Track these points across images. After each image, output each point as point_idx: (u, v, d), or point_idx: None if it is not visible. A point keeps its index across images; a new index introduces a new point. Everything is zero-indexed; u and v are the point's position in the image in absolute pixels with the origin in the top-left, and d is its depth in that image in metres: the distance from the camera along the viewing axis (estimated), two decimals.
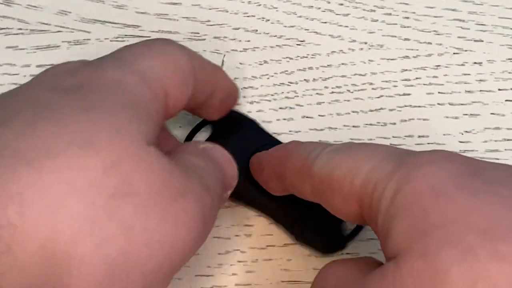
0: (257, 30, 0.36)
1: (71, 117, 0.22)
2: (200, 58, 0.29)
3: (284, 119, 0.34)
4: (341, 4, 0.37)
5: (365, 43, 0.36)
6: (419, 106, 0.34)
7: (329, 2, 0.37)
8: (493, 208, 0.21)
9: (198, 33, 0.36)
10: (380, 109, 0.34)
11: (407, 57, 0.36)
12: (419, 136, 0.34)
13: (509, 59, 0.36)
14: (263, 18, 0.36)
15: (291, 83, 0.35)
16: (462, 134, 0.34)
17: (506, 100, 0.35)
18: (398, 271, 0.21)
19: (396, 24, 0.36)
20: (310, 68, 0.35)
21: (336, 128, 0.34)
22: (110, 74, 0.24)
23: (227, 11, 0.36)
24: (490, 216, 0.20)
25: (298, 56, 0.36)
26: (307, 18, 0.36)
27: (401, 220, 0.22)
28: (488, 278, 0.19)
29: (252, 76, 0.35)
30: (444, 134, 0.34)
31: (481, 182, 0.22)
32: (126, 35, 0.36)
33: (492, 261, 0.19)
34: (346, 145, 0.26)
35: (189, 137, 0.33)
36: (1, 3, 0.36)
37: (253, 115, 0.34)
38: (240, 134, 0.32)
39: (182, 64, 0.26)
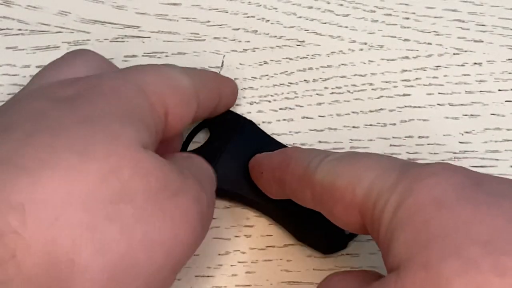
0: (257, 31, 0.36)
1: (68, 128, 0.22)
2: (202, 76, 0.29)
3: (284, 119, 0.34)
4: (341, 5, 0.37)
5: (365, 43, 0.36)
6: (419, 107, 0.34)
7: (329, 3, 0.37)
8: (495, 220, 0.21)
9: (198, 33, 0.36)
10: (380, 109, 0.34)
11: (407, 57, 0.36)
12: (419, 137, 0.34)
13: (509, 59, 0.36)
14: (263, 18, 0.36)
15: (291, 83, 0.35)
16: (462, 134, 0.34)
17: (506, 101, 0.35)
18: (400, 282, 0.21)
19: (396, 24, 0.36)
20: (310, 68, 0.35)
21: (336, 129, 0.34)
22: (108, 82, 0.25)
23: (227, 12, 0.36)
24: (492, 228, 0.20)
25: (298, 57, 0.36)
26: (307, 19, 0.36)
27: (403, 232, 0.22)
28: None
29: (252, 77, 0.35)
30: (444, 135, 0.34)
31: (483, 194, 0.22)
32: (126, 36, 0.36)
33: (495, 274, 0.19)
34: (348, 154, 0.26)
35: (187, 140, 0.33)
36: (1, 4, 0.36)
37: (253, 116, 0.34)
38: (240, 136, 0.32)
39: (183, 86, 0.27)
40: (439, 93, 0.35)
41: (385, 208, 0.23)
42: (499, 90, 0.35)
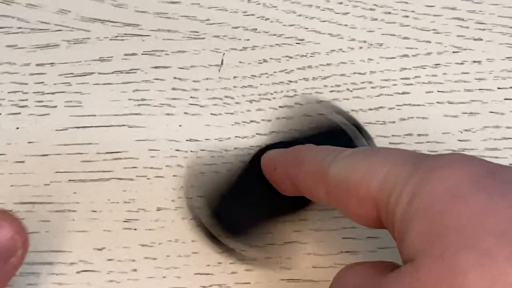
0: (256, 29, 0.36)
1: None
2: None
3: (284, 118, 0.34)
4: (341, 3, 0.37)
5: (365, 41, 0.36)
6: (418, 105, 0.34)
7: (328, 1, 0.37)
8: (509, 210, 0.21)
9: (197, 32, 0.36)
10: (379, 107, 0.34)
11: (406, 55, 0.36)
12: (419, 135, 0.34)
13: (508, 57, 0.36)
14: (262, 17, 0.36)
15: (290, 81, 0.35)
16: (461, 132, 0.34)
17: (505, 99, 0.35)
18: (415, 273, 0.21)
19: (395, 22, 0.36)
20: (310, 67, 0.35)
21: None
22: None
23: (227, 10, 0.36)
24: (507, 219, 0.20)
25: (297, 55, 0.36)
26: (306, 17, 0.36)
27: (418, 223, 0.22)
28: (506, 281, 0.19)
29: (252, 75, 0.35)
30: (443, 133, 0.34)
31: (497, 184, 0.22)
32: (125, 34, 0.36)
33: (510, 265, 0.19)
34: (361, 150, 0.26)
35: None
36: (1, 2, 0.36)
37: (253, 114, 0.34)
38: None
39: None
40: (438, 91, 0.35)
41: (399, 200, 0.23)
42: (498, 88, 0.35)
